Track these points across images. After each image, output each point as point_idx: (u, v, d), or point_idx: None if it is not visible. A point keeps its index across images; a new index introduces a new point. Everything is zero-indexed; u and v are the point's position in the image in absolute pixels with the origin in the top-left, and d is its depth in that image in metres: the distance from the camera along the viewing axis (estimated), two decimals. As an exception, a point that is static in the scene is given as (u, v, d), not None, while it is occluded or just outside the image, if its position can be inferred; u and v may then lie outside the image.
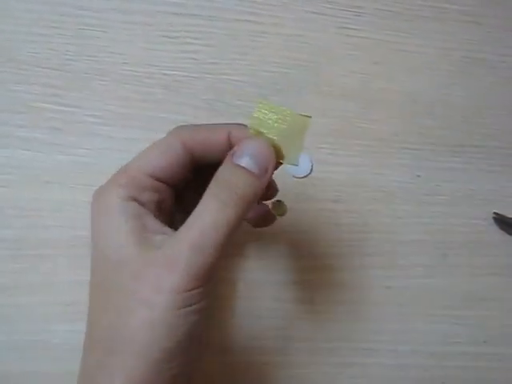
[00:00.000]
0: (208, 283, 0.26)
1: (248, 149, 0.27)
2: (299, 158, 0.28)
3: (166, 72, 0.43)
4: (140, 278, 0.25)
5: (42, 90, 0.41)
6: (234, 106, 0.43)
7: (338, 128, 0.44)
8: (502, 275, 0.44)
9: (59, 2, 0.42)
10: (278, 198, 0.42)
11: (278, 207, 0.42)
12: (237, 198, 0.26)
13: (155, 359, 0.25)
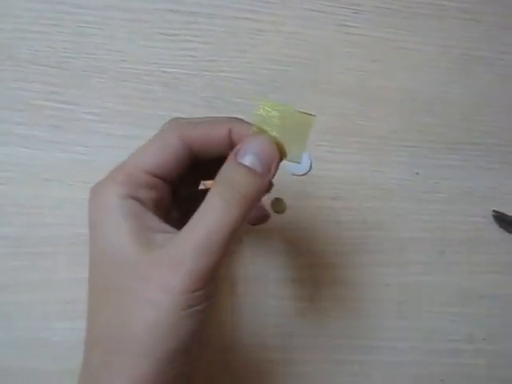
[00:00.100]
0: (211, 284, 0.26)
1: (251, 147, 0.27)
2: (302, 156, 0.28)
3: (165, 69, 0.43)
4: (145, 279, 0.25)
5: (40, 87, 0.41)
6: (232, 103, 0.43)
7: (336, 125, 0.44)
8: (501, 273, 0.44)
9: (58, 1, 0.42)
10: (277, 196, 0.42)
11: (277, 204, 0.42)
12: (240, 197, 0.26)
13: (158, 359, 0.25)
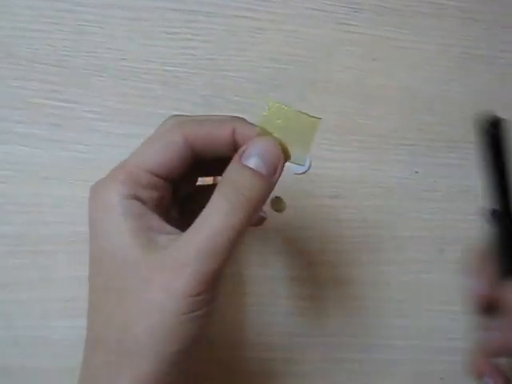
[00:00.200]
0: (214, 287, 0.26)
1: (256, 149, 0.27)
2: (306, 158, 0.28)
3: (165, 68, 0.43)
4: (146, 280, 0.25)
5: (40, 85, 0.41)
6: (232, 101, 0.43)
7: (336, 124, 0.44)
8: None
9: (58, -2, 0.42)
10: (276, 195, 0.42)
11: (277, 203, 0.42)
12: (245, 199, 0.26)
13: (161, 361, 0.25)
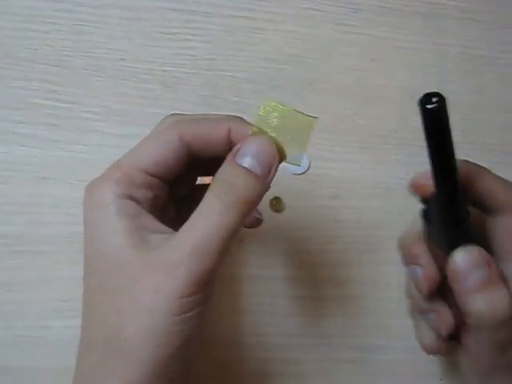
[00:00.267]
0: (206, 288, 0.25)
1: (251, 148, 0.26)
2: (302, 158, 0.28)
3: (164, 68, 0.43)
4: (139, 282, 0.25)
5: (39, 86, 0.41)
6: (231, 102, 0.43)
7: (335, 124, 0.44)
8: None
9: (57, -1, 0.42)
10: (275, 195, 0.42)
11: (276, 204, 0.42)
12: (238, 199, 0.25)
13: (152, 364, 0.25)
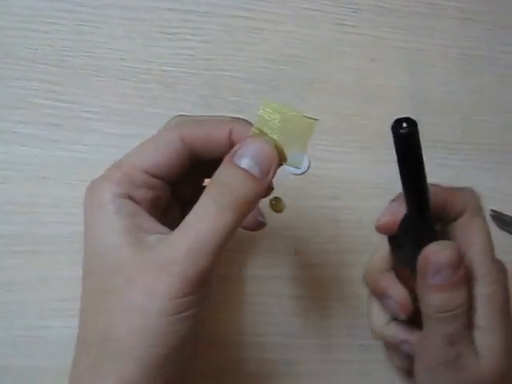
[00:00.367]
0: (202, 289, 0.25)
1: (250, 149, 0.26)
2: (302, 160, 0.28)
3: (163, 68, 0.43)
4: (134, 281, 0.25)
5: (39, 85, 0.41)
6: (230, 102, 0.43)
7: (335, 124, 0.44)
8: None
9: (57, -2, 0.42)
10: (275, 195, 0.42)
11: (276, 204, 0.42)
12: (235, 202, 0.25)
13: (147, 365, 0.24)
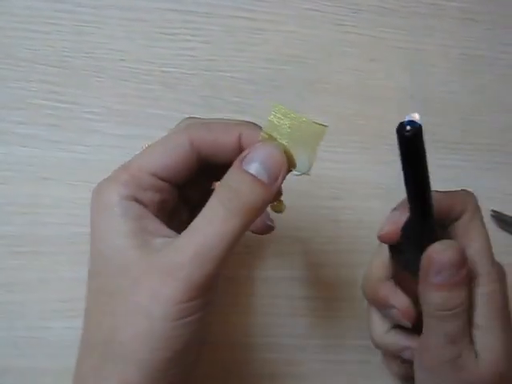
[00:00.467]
0: (207, 294, 0.25)
1: (259, 154, 0.26)
2: (311, 167, 0.27)
3: (164, 69, 0.43)
4: (139, 284, 0.25)
5: (40, 86, 0.41)
6: (231, 102, 0.43)
7: (335, 125, 0.44)
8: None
9: (57, -1, 0.42)
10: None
11: (277, 204, 0.42)
12: (243, 207, 0.25)
13: (151, 368, 0.24)
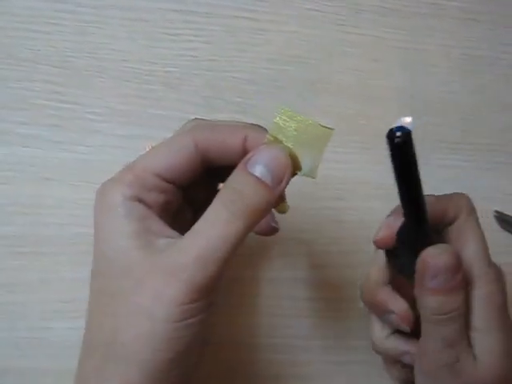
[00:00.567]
0: (209, 295, 0.25)
1: (263, 157, 0.26)
2: (317, 170, 0.27)
3: (166, 69, 0.43)
4: (142, 285, 0.25)
5: (42, 86, 0.41)
6: (233, 103, 0.43)
7: (336, 125, 0.43)
8: (503, 273, 0.44)
9: (58, -1, 0.42)
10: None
11: (280, 205, 0.42)
12: (247, 209, 0.25)
13: (152, 369, 0.24)
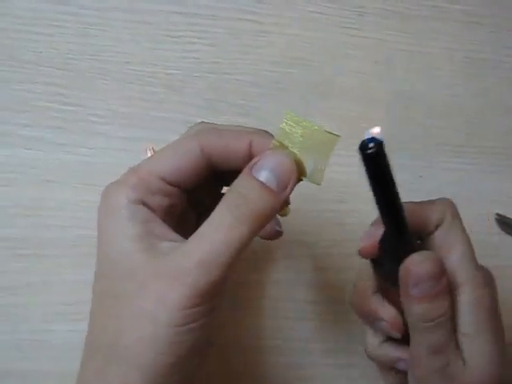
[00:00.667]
0: (212, 300, 0.25)
1: (269, 162, 0.26)
2: (323, 176, 0.27)
3: (169, 71, 0.43)
4: (145, 288, 0.25)
5: (44, 88, 0.41)
6: (236, 105, 0.43)
7: (339, 127, 0.44)
8: (504, 277, 0.44)
9: (61, 1, 0.42)
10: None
11: (283, 209, 0.42)
12: (251, 214, 0.25)
13: (154, 373, 0.24)
